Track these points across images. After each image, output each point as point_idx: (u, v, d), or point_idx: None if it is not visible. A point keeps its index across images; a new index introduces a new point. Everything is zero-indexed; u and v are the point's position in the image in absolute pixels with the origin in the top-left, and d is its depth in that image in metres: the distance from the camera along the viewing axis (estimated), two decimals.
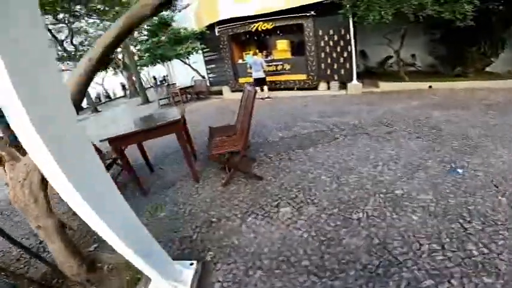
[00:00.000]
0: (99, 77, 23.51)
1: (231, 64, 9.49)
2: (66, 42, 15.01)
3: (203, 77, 11.47)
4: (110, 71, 23.81)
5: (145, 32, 10.56)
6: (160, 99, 11.57)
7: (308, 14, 7.40)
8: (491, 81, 6.40)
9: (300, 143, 4.14)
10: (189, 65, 11.09)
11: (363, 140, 3.92)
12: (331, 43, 7.52)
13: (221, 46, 9.39)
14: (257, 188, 3.02)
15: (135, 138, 3.16)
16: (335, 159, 3.40)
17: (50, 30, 13.85)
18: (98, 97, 23.70)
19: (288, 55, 8.65)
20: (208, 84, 11.29)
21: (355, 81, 7.60)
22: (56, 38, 14.44)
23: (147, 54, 9.82)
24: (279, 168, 3.38)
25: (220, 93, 10.55)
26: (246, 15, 8.34)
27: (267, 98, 8.24)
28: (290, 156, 3.68)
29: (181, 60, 10.83)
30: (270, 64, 8.64)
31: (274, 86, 8.81)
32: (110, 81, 26.35)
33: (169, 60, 10.77)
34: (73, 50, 15.53)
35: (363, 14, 6.10)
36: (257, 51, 8.40)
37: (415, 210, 2.28)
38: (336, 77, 7.89)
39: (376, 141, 3.80)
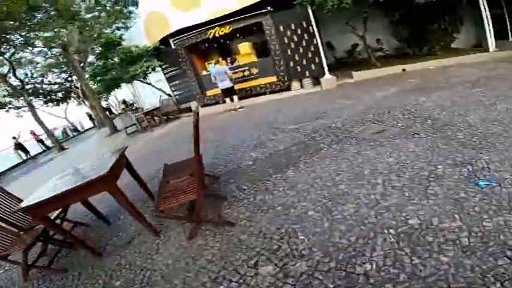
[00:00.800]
0: (61, 110, 22.02)
1: (195, 77, 8.74)
2: (9, 77, 13.52)
3: (170, 96, 10.63)
4: (72, 102, 22.36)
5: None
6: (127, 127, 10.57)
7: (265, 11, 6.80)
8: (460, 57, 6.28)
9: (278, 163, 3.45)
10: (151, 85, 10.23)
11: (351, 147, 3.28)
12: (295, 38, 6.95)
13: (180, 59, 8.62)
14: (229, 239, 2.30)
15: (54, 204, 2.35)
16: (322, 182, 2.72)
17: None
18: (65, 132, 22.08)
19: (253, 58, 8.01)
20: (175, 102, 10.44)
21: (327, 74, 7.08)
22: None
23: (96, 80, 8.86)
24: (255, 206, 2.66)
25: (190, 110, 9.74)
26: (199, 22, 7.65)
27: (239, 108, 7.55)
28: (267, 186, 2.97)
29: (141, 81, 9.95)
30: (237, 70, 7.97)
31: (245, 94, 8.14)
32: (74, 113, 24.85)
33: (124, 83, 9.84)
34: (19, 84, 14.07)
35: (320, 1, 5.57)
36: (220, 59, 7.69)
37: (442, 248, 1.63)
38: (307, 74, 7.32)
39: (367, 146, 3.18)
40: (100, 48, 8.92)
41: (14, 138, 15.56)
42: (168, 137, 7.46)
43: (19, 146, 15.67)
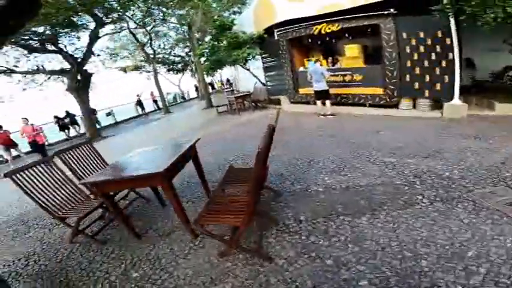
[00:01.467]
0: (177, 78, 25.90)
1: (291, 72, 8.46)
2: (147, 46, 16.63)
3: (263, 84, 10.76)
4: (187, 73, 26.01)
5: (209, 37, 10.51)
6: (219, 106, 11.40)
7: (386, 13, 5.74)
8: None
9: (352, 202, 2.83)
10: (249, 71, 10.55)
11: (462, 213, 2.38)
12: (421, 48, 5.65)
13: (280, 51, 8.47)
14: (257, 275, 2.03)
15: (116, 185, 2.56)
16: (399, 249, 2.04)
17: (133, 34, 15.59)
18: (175, 97, 25.99)
19: (360, 63, 7.06)
20: (267, 92, 10.50)
21: (456, 99, 5.53)
22: (138, 41, 16.14)
23: (202, 59, 9.72)
24: (304, 248, 2.24)
25: (278, 103, 9.63)
26: (306, 16, 7.18)
27: (329, 115, 6.89)
28: (328, 227, 2.47)
29: (241, 66, 10.38)
30: (337, 73, 7.23)
31: (339, 101, 7.35)
32: (186, 83, 28.80)
33: (225, 66, 10.45)
34: (152, 53, 17.12)
35: (475, 12, 4.19)
36: (321, 58, 7.11)
37: None
38: (426, 93, 5.93)
39: (488, 219, 2.22)
40: (214, 30, 9.65)
41: (137, 95, 19.30)
42: (252, 125, 7.61)
43: (139, 103, 19.36)
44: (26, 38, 10.03)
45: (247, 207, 2.01)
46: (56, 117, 13.63)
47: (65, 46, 11.14)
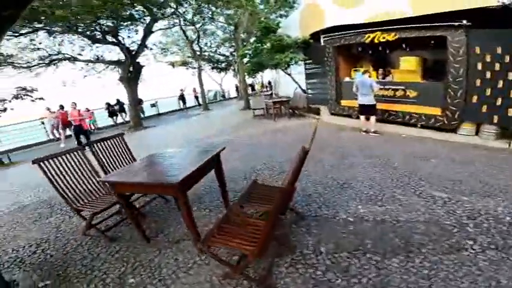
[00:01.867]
0: (219, 76, 26.64)
1: (335, 81, 8.00)
2: (194, 43, 17.27)
3: (304, 91, 10.42)
4: (229, 72, 26.61)
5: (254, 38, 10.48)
6: (255, 108, 11.32)
7: (457, 24, 5.03)
8: None
9: (385, 240, 2.46)
10: (290, 76, 10.29)
11: None
12: (496, 66, 4.85)
13: (326, 58, 8.06)
14: None
15: (131, 188, 2.54)
16: None
17: (184, 31, 16.30)
18: (215, 95, 26.74)
19: (416, 77, 6.35)
20: (307, 99, 10.13)
21: None
22: (187, 38, 16.85)
23: (245, 60, 9.71)
24: (316, 285, 1.96)
25: (318, 112, 9.20)
26: (358, 22, 6.69)
27: (372, 132, 6.33)
28: (351, 265, 2.16)
29: (283, 70, 10.17)
30: (387, 87, 6.61)
31: (386, 118, 6.72)
32: (228, 81, 29.43)
33: (267, 68, 10.32)
34: (198, 50, 17.75)
35: None
36: (370, 68, 6.56)
37: None
38: (495, 119, 5.09)
39: None
40: (259, 32, 9.60)
41: (181, 90, 20.24)
42: (286, 133, 7.38)
43: (181, 97, 20.26)
44: (92, 29, 11.07)
45: (262, 236, 1.78)
46: (107, 103, 14.85)
47: (123, 38, 12.06)
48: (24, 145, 11.52)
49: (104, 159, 3.32)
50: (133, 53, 12.25)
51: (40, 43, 10.96)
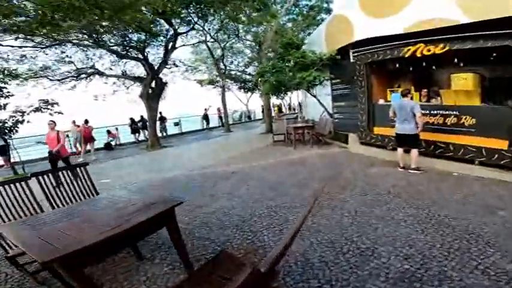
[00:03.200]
0: (245, 97, 26.57)
1: (367, 104, 6.93)
2: (219, 61, 17.34)
3: (331, 116, 9.44)
4: (256, 93, 26.42)
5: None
6: (275, 134, 10.50)
7: None
8: None
9: None
10: (316, 98, 9.41)
11: None
12: None
13: (355, 77, 7.10)
14: None
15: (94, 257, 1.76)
16: None
17: (209, 48, 16.45)
18: (241, 116, 26.53)
19: (474, 100, 5.08)
20: (332, 125, 9.09)
21: None
22: (213, 55, 16.92)
23: (260, 79, 9.09)
24: None
25: (345, 140, 8.10)
26: (394, 33, 5.72)
27: (414, 169, 5.12)
28: None
29: (307, 92, 9.36)
30: (433, 112, 5.43)
31: (432, 151, 5.47)
32: (255, 102, 29.26)
33: (288, 89, 9.57)
34: (223, 68, 17.75)
35: None
36: (412, 88, 5.47)
37: None
38: None
39: None
40: (281, 48, 9.00)
41: (205, 109, 20.33)
42: (305, 166, 6.39)
43: (205, 117, 20.31)
44: (119, 43, 11.48)
45: None
46: (131, 119, 15.13)
47: (146, 54, 12.28)
48: (42, 157, 11.92)
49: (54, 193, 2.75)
50: (156, 69, 12.41)
51: (70, 56, 11.65)
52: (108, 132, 14.14)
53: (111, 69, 12.99)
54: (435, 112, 5.43)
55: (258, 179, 5.57)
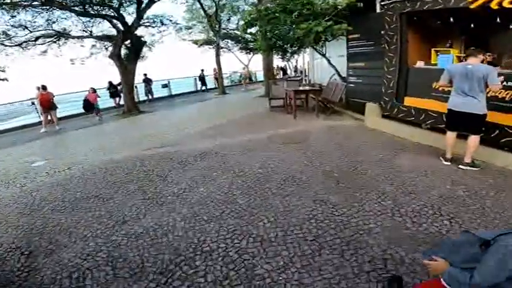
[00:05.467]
0: (247, 58, 23.81)
1: (398, 66, 4.99)
2: (211, 18, 14.61)
3: (344, 79, 7.48)
4: (258, 53, 23.48)
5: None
6: (272, 98, 8.59)
7: None
8: None
9: None
10: (325, 57, 7.37)
11: None
12: None
13: (384, 32, 5.04)
14: None
15: None
16: None
17: (200, 3, 13.76)
18: (241, 78, 23.91)
19: None
20: (344, 91, 7.17)
21: None
22: (205, 12, 14.26)
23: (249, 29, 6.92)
24: None
25: (360, 111, 6.29)
26: None
27: (467, 165, 3.50)
28: None
29: (313, 48, 7.27)
30: (506, 84, 3.56)
31: (495, 138, 3.71)
32: (258, 63, 26.30)
33: (291, 48, 7.46)
34: (216, 25, 15.08)
35: None
36: (477, 50, 3.50)
37: None
38: None
39: None
40: None
41: (201, 70, 18.08)
42: (307, 147, 4.67)
43: (201, 78, 18.13)
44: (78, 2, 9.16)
45: None
46: (109, 82, 13.05)
47: (120, 11, 9.89)
48: (12, 127, 10.27)
49: None
50: (128, 26, 10.04)
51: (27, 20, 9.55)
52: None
53: (85, 31, 10.67)
54: (507, 84, 3.56)
55: (231, 169, 3.91)
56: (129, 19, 10.21)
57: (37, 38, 10.21)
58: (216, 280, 1.86)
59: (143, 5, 9.95)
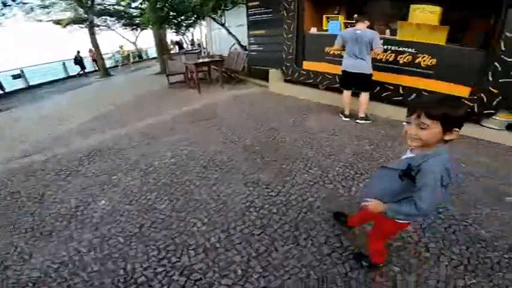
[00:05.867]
0: (134, 35, 20.53)
1: (296, 34, 5.11)
2: None
3: (245, 49, 7.28)
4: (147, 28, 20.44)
5: None
6: (170, 74, 7.66)
7: None
8: None
9: None
10: (224, 27, 6.92)
11: None
12: None
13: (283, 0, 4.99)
14: None
15: None
16: None
17: None
18: (128, 57, 20.46)
19: (438, 38, 3.86)
20: (246, 60, 7.04)
21: None
22: None
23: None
24: None
25: (264, 77, 6.33)
26: None
27: (362, 119, 3.96)
28: None
29: (213, 18, 6.70)
30: (388, 47, 4.09)
31: (382, 94, 4.33)
32: (148, 40, 23.10)
33: (181, 15, 6.71)
34: (89, 1, 12.09)
35: None
36: (360, 16, 3.83)
37: None
38: None
39: None
40: None
41: (77, 52, 14.72)
42: (218, 125, 4.25)
43: (77, 61, 14.87)
44: None
45: None
46: None
47: None
48: None
49: None
50: None
51: None
52: None
53: None
54: (390, 48, 4.11)
55: (135, 166, 3.12)
56: None
57: None
58: None
59: None
